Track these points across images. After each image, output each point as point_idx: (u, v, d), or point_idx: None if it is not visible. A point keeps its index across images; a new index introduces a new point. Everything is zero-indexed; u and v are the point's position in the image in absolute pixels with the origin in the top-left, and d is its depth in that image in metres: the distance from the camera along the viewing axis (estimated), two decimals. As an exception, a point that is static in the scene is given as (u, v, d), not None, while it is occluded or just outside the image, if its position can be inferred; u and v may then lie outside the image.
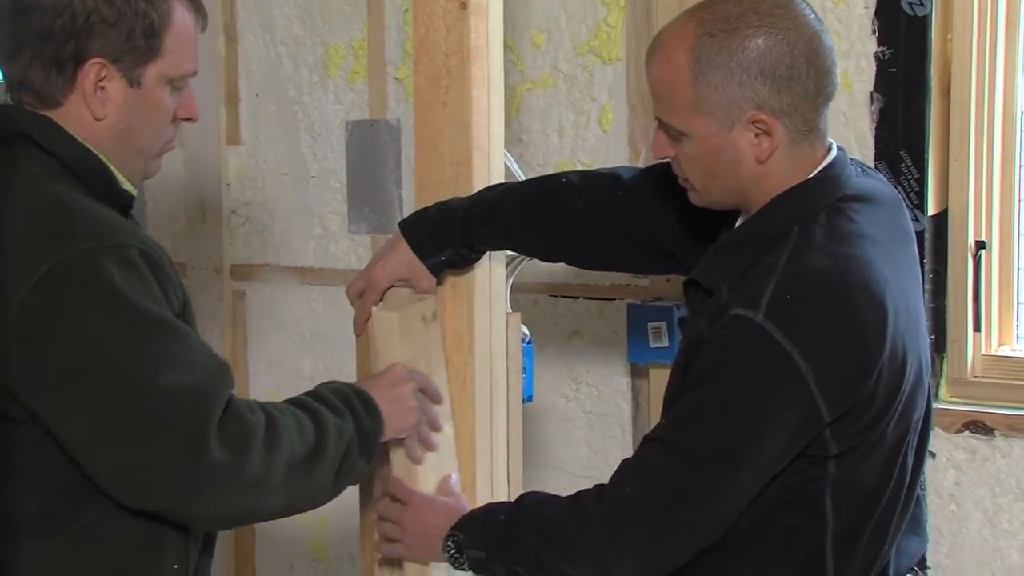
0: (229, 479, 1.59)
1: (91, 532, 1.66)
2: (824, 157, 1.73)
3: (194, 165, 3.28)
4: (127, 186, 1.76)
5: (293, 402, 1.75)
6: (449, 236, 1.97)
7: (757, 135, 1.67)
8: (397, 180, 3.03)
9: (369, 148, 3.05)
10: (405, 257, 1.98)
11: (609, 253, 2.01)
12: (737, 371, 1.63)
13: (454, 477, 1.97)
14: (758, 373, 1.62)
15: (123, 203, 1.75)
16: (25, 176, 1.67)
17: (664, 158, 1.76)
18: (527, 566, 1.77)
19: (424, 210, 2.01)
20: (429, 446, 1.93)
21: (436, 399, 1.96)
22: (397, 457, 1.94)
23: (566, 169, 2.75)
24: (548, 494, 1.83)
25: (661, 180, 1.92)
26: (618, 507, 1.70)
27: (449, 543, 1.82)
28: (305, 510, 1.75)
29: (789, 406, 1.61)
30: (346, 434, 1.74)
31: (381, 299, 1.99)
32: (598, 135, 2.82)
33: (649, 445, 1.72)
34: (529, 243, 2.02)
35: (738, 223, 1.79)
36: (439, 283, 2.01)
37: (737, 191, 1.73)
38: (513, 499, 1.88)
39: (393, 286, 2.00)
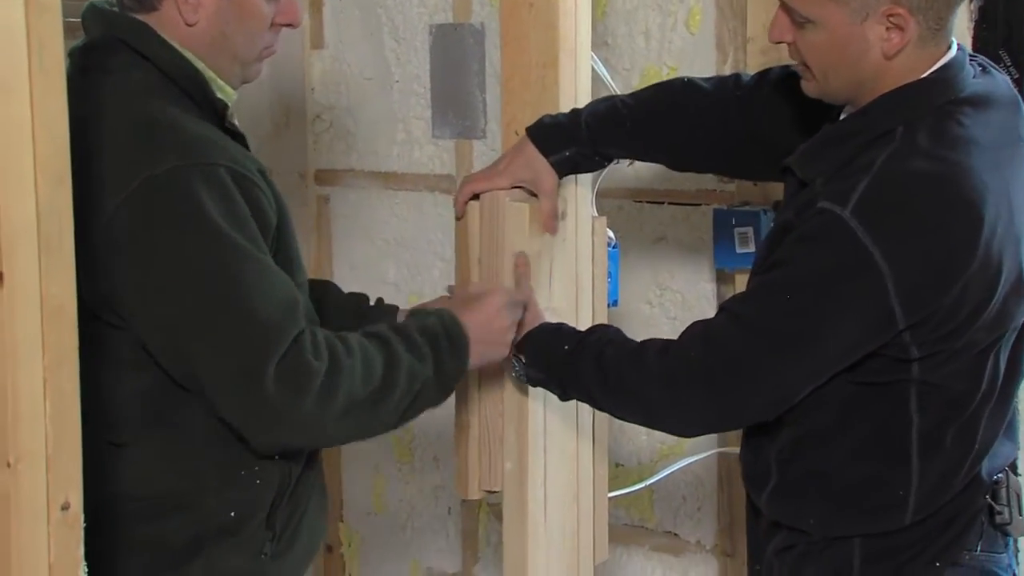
0: (281, 417, 1.62)
1: (183, 431, 1.71)
2: (943, 56, 1.70)
3: (278, 70, 3.29)
4: (223, 93, 1.78)
5: (374, 335, 1.74)
6: (574, 133, 1.96)
7: (888, 29, 1.65)
8: (481, 84, 3.01)
9: (453, 52, 3.03)
10: (529, 156, 1.97)
11: (729, 153, 2.00)
12: (817, 261, 1.64)
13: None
14: (837, 265, 1.63)
15: (219, 112, 1.76)
16: (123, 88, 1.69)
17: (780, 42, 1.75)
18: (581, 396, 1.88)
19: (551, 114, 2.00)
20: None
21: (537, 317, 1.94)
22: None
23: (651, 72, 2.74)
24: (616, 333, 1.88)
25: (778, 82, 1.93)
26: (679, 366, 1.74)
27: (513, 361, 1.90)
28: (371, 437, 1.79)
29: (863, 303, 1.62)
30: (420, 376, 1.73)
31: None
32: (685, 37, 2.77)
33: (721, 314, 1.76)
34: (652, 142, 2.01)
35: (843, 115, 1.77)
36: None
37: (855, 84, 1.72)
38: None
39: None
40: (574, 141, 1.96)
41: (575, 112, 1.98)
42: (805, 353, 1.67)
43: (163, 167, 1.61)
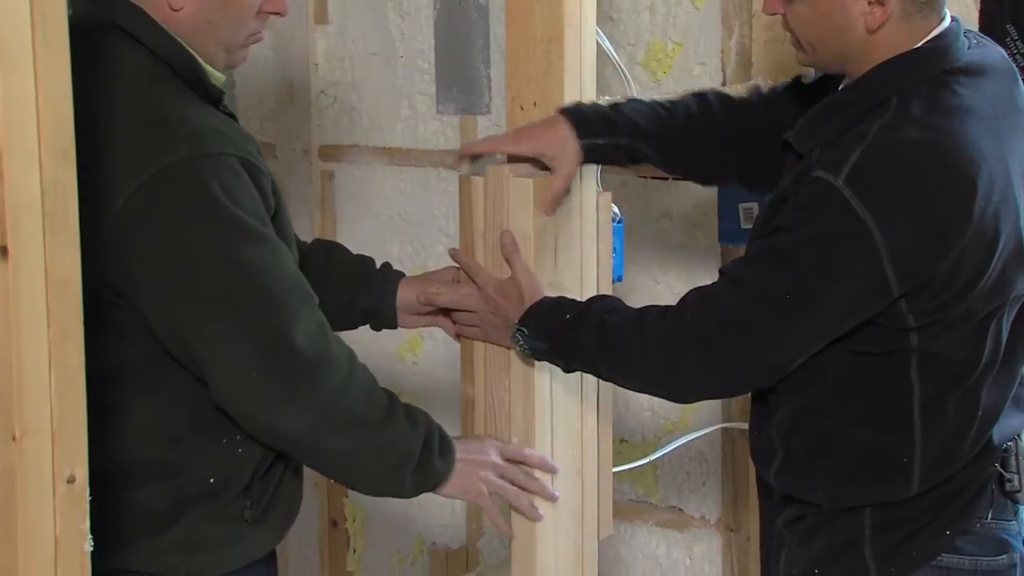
0: (300, 384, 1.67)
1: (170, 400, 1.74)
2: (935, 27, 1.72)
3: (282, 46, 3.28)
4: (216, 79, 1.78)
5: (386, 390, 1.80)
6: (616, 124, 1.94)
7: (870, 3, 1.67)
8: (486, 60, 3.00)
9: (458, 27, 3.02)
10: (561, 133, 1.92)
11: (751, 161, 1.99)
12: (812, 227, 1.66)
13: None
14: (831, 232, 1.64)
15: (214, 98, 1.77)
16: (124, 75, 1.69)
17: (773, 14, 1.77)
18: (583, 366, 1.88)
19: (589, 102, 1.97)
20: (518, 508, 1.95)
21: (545, 467, 1.96)
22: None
23: (656, 47, 2.74)
24: (617, 302, 1.89)
25: (796, 86, 1.96)
26: (677, 329, 1.76)
27: (516, 335, 1.90)
28: (346, 475, 1.84)
29: (857, 270, 1.63)
30: (410, 442, 1.78)
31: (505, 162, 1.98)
32: (690, 12, 2.76)
33: (720, 279, 1.77)
34: (684, 148, 1.99)
35: (841, 87, 1.79)
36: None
37: (843, 56, 1.74)
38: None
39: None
40: (615, 132, 1.94)
41: (617, 105, 1.97)
42: (801, 318, 1.68)
43: (174, 158, 1.62)
